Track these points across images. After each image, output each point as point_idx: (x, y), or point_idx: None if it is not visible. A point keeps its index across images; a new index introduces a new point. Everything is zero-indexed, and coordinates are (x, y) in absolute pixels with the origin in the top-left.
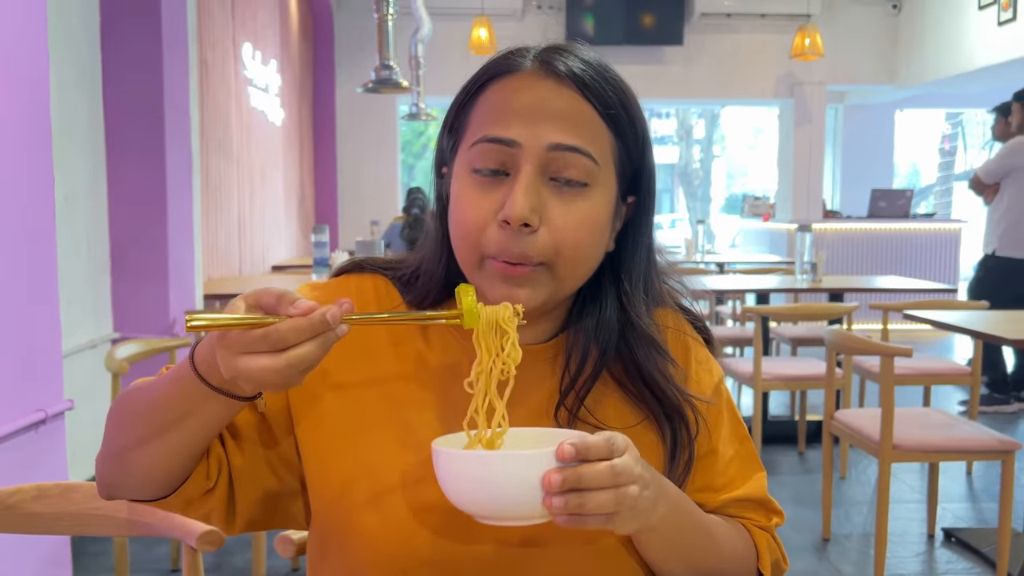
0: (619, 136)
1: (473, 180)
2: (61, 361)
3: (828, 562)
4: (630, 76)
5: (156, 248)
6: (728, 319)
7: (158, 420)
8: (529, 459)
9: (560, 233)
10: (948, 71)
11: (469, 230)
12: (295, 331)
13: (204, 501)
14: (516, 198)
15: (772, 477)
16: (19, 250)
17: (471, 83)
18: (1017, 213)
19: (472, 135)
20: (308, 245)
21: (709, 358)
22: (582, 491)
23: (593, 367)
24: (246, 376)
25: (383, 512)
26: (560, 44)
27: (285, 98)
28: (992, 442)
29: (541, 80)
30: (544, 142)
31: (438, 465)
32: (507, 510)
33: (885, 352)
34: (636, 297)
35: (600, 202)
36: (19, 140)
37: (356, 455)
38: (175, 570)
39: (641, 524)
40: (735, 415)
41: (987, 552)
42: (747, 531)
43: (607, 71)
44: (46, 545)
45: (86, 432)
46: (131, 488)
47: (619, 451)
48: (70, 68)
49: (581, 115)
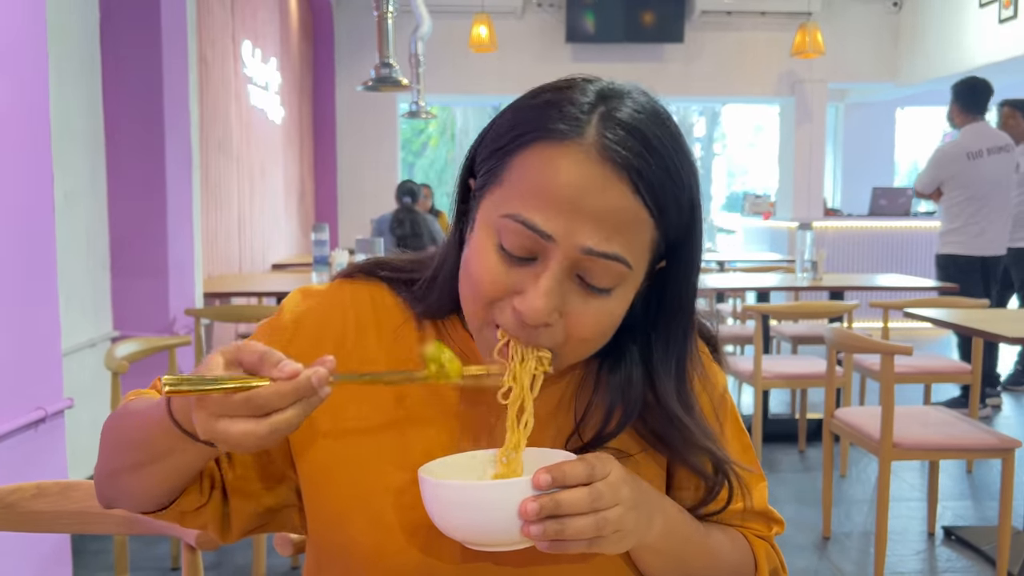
0: (665, 225)
1: (497, 252)
2: (61, 359)
3: (828, 560)
4: (630, 74)
5: (156, 246)
6: (728, 317)
7: (143, 454)
8: (507, 487)
9: (573, 329)
10: (949, 69)
11: (481, 296)
12: (279, 396)
13: (199, 514)
14: (538, 300)
15: (772, 475)
16: (18, 248)
17: (519, 130)
18: (950, 217)
19: (506, 198)
20: (308, 243)
21: (714, 368)
22: (561, 517)
23: (617, 426)
24: (223, 440)
25: (378, 530)
26: (625, 106)
27: (285, 96)
28: (992, 440)
29: (594, 164)
30: (580, 243)
31: (423, 492)
32: (489, 536)
33: (885, 350)
34: (665, 372)
35: (623, 299)
36: (18, 137)
37: (352, 474)
38: (175, 568)
39: (631, 544)
40: (738, 424)
41: (987, 550)
42: (746, 541)
43: (673, 146)
44: (47, 543)
45: (86, 430)
46: (128, 504)
47: (600, 474)
48: (69, 65)
49: (626, 215)
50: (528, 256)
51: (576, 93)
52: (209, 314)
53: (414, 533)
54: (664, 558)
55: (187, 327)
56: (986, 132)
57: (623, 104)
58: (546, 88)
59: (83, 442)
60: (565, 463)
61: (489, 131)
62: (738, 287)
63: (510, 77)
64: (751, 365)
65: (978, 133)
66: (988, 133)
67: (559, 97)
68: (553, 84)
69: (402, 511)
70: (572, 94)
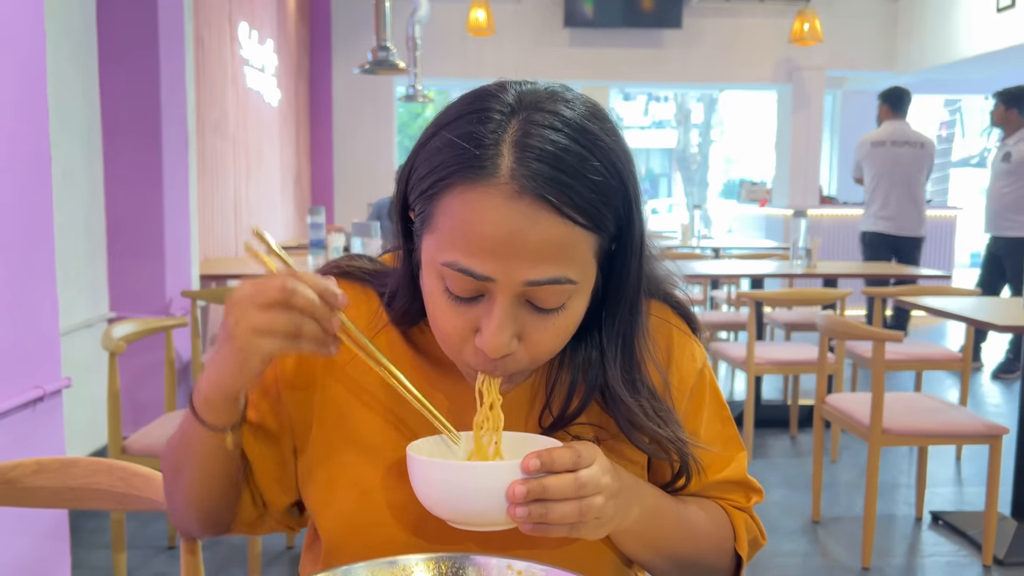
0: (602, 229)
1: (447, 297)
2: (59, 339)
3: (817, 543)
4: (628, 60)
5: (153, 228)
6: (723, 304)
7: (184, 460)
8: (496, 469)
9: (536, 348)
10: (947, 57)
11: (448, 343)
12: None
13: (262, 523)
14: (493, 338)
15: (764, 460)
16: (17, 228)
17: (435, 176)
18: (866, 198)
19: (441, 245)
20: (303, 226)
21: (691, 344)
22: (546, 501)
23: (580, 403)
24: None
25: (366, 507)
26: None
27: (281, 78)
28: (980, 427)
29: (515, 202)
30: (519, 278)
31: (411, 470)
32: (475, 517)
33: (876, 337)
34: (611, 354)
35: (579, 305)
36: (16, 117)
37: (344, 453)
38: (171, 547)
39: (609, 531)
40: (718, 398)
41: (973, 535)
42: (725, 513)
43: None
44: (45, 520)
45: (83, 410)
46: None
47: (586, 462)
48: (65, 46)
49: (559, 240)
50: (475, 295)
51: (486, 120)
52: (205, 296)
53: (401, 512)
54: (642, 540)
55: (183, 309)
56: (898, 129)
57: (533, 125)
58: (455, 116)
59: (80, 422)
60: (554, 449)
61: (410, 173)
62: (732, 274)
63: (508, 61)
64: (744, 351)
65: (889, 128)
66: (899, 130)
67: (470, 129)
68: (466, 106)
69: (388, 491)
70: (482, 125)
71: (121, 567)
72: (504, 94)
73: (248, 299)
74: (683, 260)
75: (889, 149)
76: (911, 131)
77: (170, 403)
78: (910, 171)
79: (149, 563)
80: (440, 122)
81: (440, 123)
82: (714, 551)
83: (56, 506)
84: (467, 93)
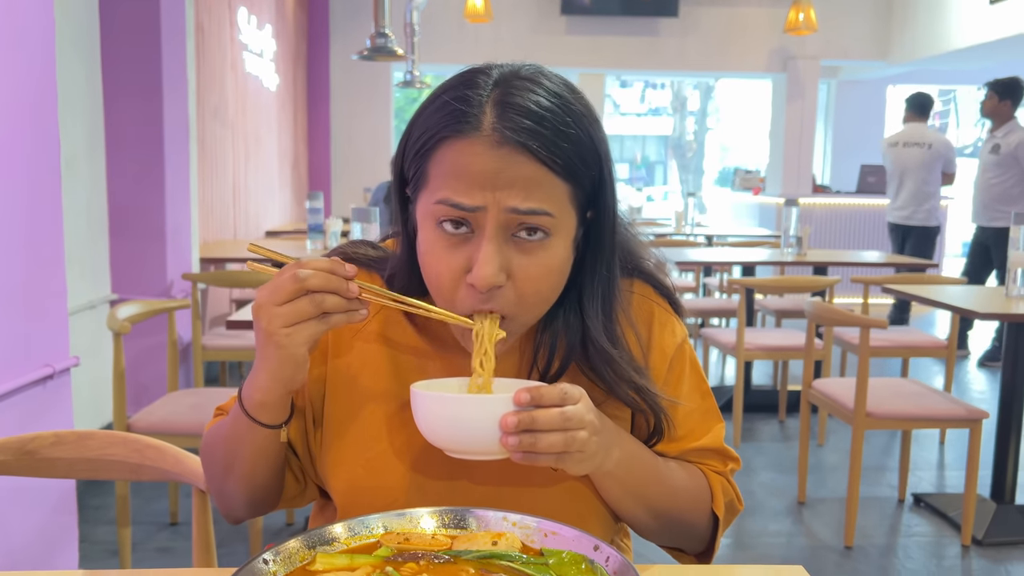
0: (576, 179)
1: (439, 235)
2: (67, 319)
3: (802, 523)
4: (625, 47)
5: (154, 211)
6: (715, 291)
7: (232, 449)
8: (490, 402)
9: (523, 285)
10: (940, 48)
11: (442, 287)
12: (324, 277)
13: (303, 496)
14: (483, 266)
15: (753, 444)
16: (27, 211)
17: (428, 135)
18: (888, 192)
19: (434, 189)
20: (301, 211)
21: (672, 320)
22: (535, 432)
23: (561, 362)
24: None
25: (371, 474)
26: (516, 90)
27: (279, 63)
28: (960, 411)
29: (496, 148)
30: (504, 206)
31: (415, 405)
32: (470, 445)
33: (861, 323)
34: (592, 311)
35: (560, 246)
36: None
37: (354, 406)
38: (173, 523)
39: (593, 467)
40: (697, 371)
41: (954, 516)
42: (703, 475)
43: (565, 113)
44: (54, 494)
45: (87, 390)
46: (245, 502)
47: (572, 400)
48: (68, 31)
49: (536, 177)
50: (465, 226)
51: (471, 88)
52: (206, 279)
53: (403, 452)
54: (623, 485)
55: (184, 291)
56: (912, 130)
57: (512, 88)
58: (447, 87)
59: (83, 401)
60: (542, 386)
61: (407, 142)
62: (724, 261)
63: (505, 47)
64: (735, 337)
65: (905, 130)
66: (914, 131)
67: (456, 95)
68: (453, 82)
69: (392, 433)
70: (467, 91)
71: (126, 541)
72: (489, 69)
73: (269, 301)
74: (677, 247)
75: (901, 149)
76: (925, 133)
77: (172, 383)
78: (918, 169)
79: (152, 538)
80: (431, 96)
81: (431, 96)
82: (692, 507)
83: (73, 476)
84: (455, 73)
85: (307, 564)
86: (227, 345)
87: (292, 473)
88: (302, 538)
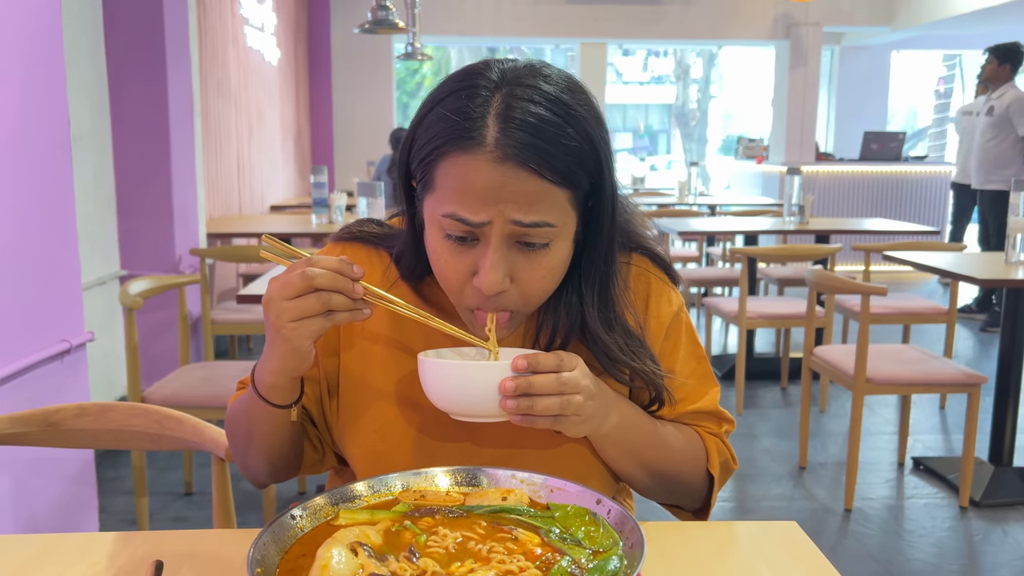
0: (576, 184)
1: (446, 243)
2: (81, 294)
3: (803, 488)
4: (627, 16)
5: (160, 187)
6: (718, 260)
7: (251, 427)
8: (490, 367)
9: (527, 287)
10: (943, 13)
11: (449, 285)
12: (330, 275)
13: (323, 463)
14: (488, 274)
15: (755, 411)
16: (39, 188)
17: (432, 146)
18: None
19: (441, 200)
20: (305, 185)
21: (668, 290)
22: (532, 396)
23: (562, 341)
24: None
25: (384, 439)
26: (517, 100)
27: (280, 37)
28: (959, 376)
29: (500, 165)
30: (508, 218)
31: (422, 371)
32: (472, 408)
33: (862, 290)
34: (589, 298)
35: (562, 247)
36: (35, 82)
37: (366, 377)
38: (188, 493)
39: (590, 429)
40: (693, 337)
41: (952, 479)
42: (699, 436)
43: (566, 122)
44: (72, 465)
45: (98, 365)
46: (266, 470)
47: (568, 367)
48: (71, 8)
49: (538, 192)
50: (472, 239)
51: (473, 95)
52: (213, 254)
53: (413, 417)
54: (620, 447)
55: (192, 266)
56: (978, 100)
57: (515, 99)
58: (448, 92)
59: (96, 375)
60: (539, 353)
61: (411, 147)
62: (727, 231)
63: (506, 19)
64: (737, 306)
65: (974, 100)
66: (978, 101)
67: (459, 104)
68: (455, 83)
69: (402, 400)
70: (469, 100)
71: (143, 510)
72: (489, 71)
73: (278, 296)
74: (680, 217)
75: (963, 117)
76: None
77: (184, 357)
78: (975, 135)
79: (168, 507)
80: (433, 99)
81: (434, 100)
82: (688, 466)
83: (95, 447)
84: (455, 71)
85: (331, 519)
86: (236, 319)
87: (311, 442)
88: (327, 496)
